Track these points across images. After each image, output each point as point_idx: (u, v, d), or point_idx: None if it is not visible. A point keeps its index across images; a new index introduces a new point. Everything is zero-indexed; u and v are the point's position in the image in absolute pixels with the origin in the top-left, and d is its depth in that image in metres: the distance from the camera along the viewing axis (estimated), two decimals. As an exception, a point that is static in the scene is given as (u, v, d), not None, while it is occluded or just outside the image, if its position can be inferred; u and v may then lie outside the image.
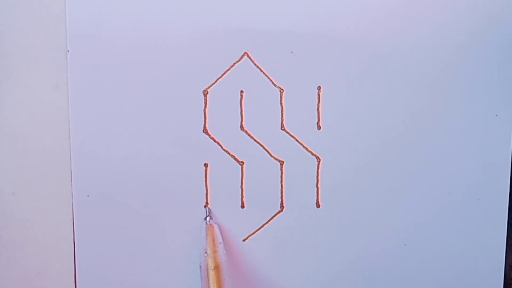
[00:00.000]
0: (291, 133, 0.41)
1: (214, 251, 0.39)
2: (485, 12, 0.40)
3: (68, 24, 0.39)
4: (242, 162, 0.41)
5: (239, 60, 0.40)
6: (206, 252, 0.39)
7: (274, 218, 0.42)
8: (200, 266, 0.39)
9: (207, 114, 0.40)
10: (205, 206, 0.41)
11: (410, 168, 0.42)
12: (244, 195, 0.41)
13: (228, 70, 0.40)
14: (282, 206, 0.42)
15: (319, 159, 0.41)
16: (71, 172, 0.40)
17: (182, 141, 0.40)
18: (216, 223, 0.41)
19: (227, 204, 0.41)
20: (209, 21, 0.39)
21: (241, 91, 0.40)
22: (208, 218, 0.41)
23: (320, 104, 0.41)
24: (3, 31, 0.39)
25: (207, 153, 0.41)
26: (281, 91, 0.41)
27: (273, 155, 0.41)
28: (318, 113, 0.41)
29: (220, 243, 0.40)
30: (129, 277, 0.41)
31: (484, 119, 0.41)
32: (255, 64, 0.40)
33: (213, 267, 0.38)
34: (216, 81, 0.40)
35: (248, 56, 0.40)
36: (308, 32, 0.40)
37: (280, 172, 0.41)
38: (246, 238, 0.42)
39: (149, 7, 0.39)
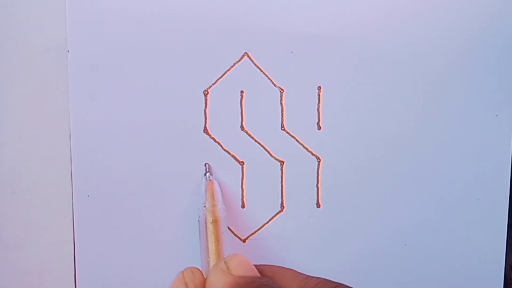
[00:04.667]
0: (291, 133, 0.41)
1: (213, 205, 0.37)
2: (485, 12, 0.40)
3: (68, 24, 0.39)
4: (243, 162, 0.41)
5: (239, 60, 0.40)
6: (205, 206, 0.38)
7: (274, 218, 0.42)
8: (198, 220, 0.38)
9: (207, 114, 0.40)
10: (205, 164, 0.41)
11: (410, 168, 0.42)
12: (244, 195, 0.41)
13: (228, 70, 0.40)
14: (282, 206, 0.42)
15: (319, 159, 0.41)
16: (71, 172, 0.40)
17: (183, 141, 0.40)
18: (216, 179, 0.40)
19: (227, 204, 0.41)
20: (209, 21, 0.39)
21: (241, 91, 0.40)
22: (208, 174, 0.41)
23: (320, 104, 0.41)
24: (3, 31, 0.39)
25: (208, 153, 0.41)
26: (281, 91, 0.41)
27: (273, 155, 0.41)
28: (318, 113, 0.41)
29: (220, 198, 0.39)
30: (129, 277, 0.41)
31: (484, 119, 0.41)
32: (255, 64, 0.40)
33: (211, 221, 0.37)
34: (216, 81, 0.40)
35: (248, 56, 0.40)
36: (308, 33, 0.40)
37: (280, 172, 0.41)
38: (246, 238, 0.42)
39: (149, 7, 0.39)
